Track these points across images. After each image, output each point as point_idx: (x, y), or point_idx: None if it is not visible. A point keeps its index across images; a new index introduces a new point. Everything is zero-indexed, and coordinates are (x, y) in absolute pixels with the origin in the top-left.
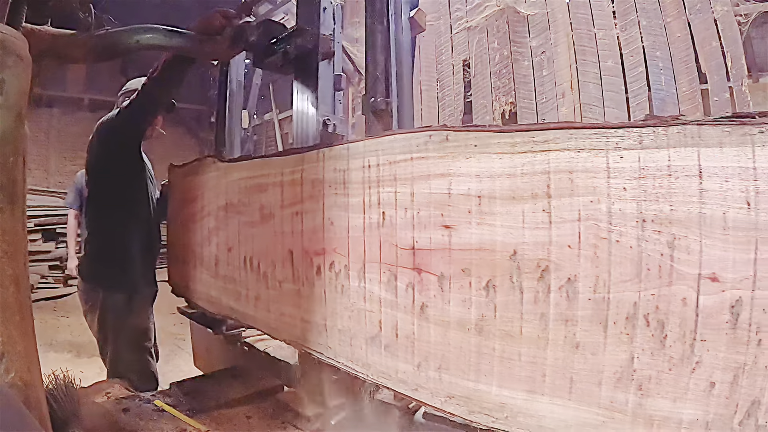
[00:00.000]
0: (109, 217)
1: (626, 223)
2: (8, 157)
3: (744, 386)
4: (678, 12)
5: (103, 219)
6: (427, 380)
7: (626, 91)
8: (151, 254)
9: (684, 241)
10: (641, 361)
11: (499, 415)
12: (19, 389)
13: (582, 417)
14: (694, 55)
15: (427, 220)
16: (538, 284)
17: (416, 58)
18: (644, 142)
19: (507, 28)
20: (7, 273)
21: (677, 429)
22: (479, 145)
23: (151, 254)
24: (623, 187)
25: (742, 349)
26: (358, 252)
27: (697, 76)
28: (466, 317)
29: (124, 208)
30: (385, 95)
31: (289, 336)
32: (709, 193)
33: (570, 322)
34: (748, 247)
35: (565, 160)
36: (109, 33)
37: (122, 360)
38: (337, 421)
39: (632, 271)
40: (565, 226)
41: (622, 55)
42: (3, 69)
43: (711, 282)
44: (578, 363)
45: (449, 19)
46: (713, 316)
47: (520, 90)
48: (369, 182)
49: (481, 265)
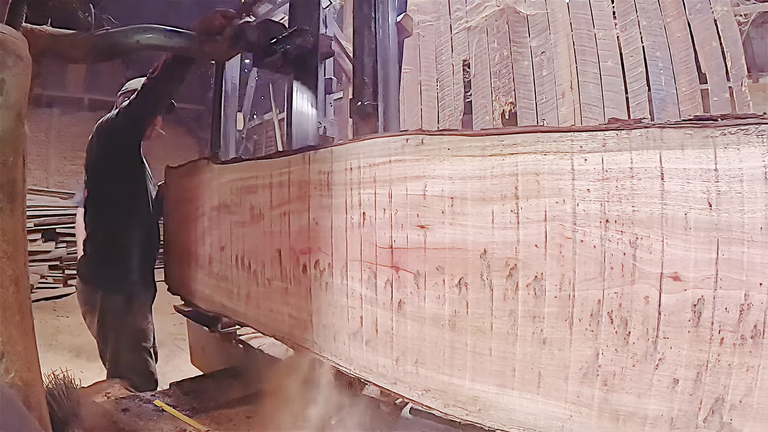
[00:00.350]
0: (109, 217)
1: (590, 223)
2: (8, 157)
3: (707, 383)
4: (678, 12)
5: (103, 219)
6: (405, 374)
7: (626, 92)
8: (151, 254)
9: (646, 241)
10: (606, 357)
11: (472, 408)
12: (19, 389)
13: (550, 411)
14: (694, 56)
15: (404, 220)
16: (507, 282)
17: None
18: (607, 144)
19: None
20: (7, 273)
21: (642, 424)
22: (452, 148)
23: (150, 254)
24: (587, 188)
25: (705, 347)
26: (341, 251)
27: (697, 76)
28: (441, 313)
29: (123, 209)
30: (371, 99)
31: (278, 332)
32: (671, 194)
33: (537, 319)
34: (709, 247)
35: (532, 163)
36: (108, 33)
37: (122, 360)
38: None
39: (596, 270)
40: (532, 227)
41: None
42: (3, 69)
43: (673, 281)
44: (546, 358)
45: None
46: (675, 315)
47: (520, 90)
48: (351, 184)
49: (454, 263)
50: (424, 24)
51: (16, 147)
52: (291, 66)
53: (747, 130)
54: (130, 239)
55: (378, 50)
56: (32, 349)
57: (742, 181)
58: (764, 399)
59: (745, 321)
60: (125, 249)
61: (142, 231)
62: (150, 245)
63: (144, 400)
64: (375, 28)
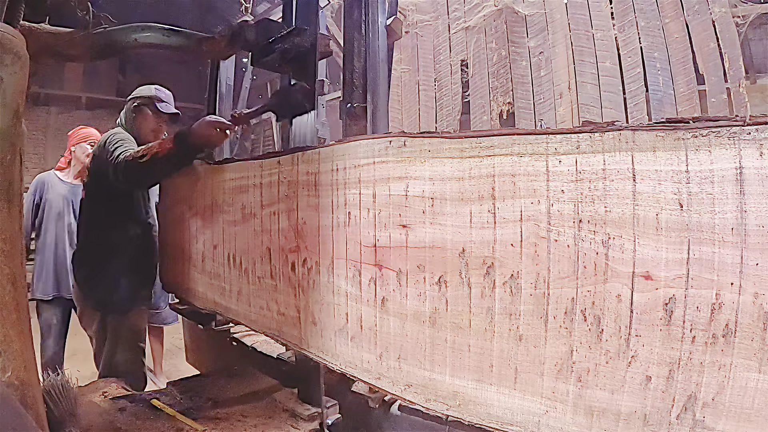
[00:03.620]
0: (101, 228)
1: (564, 223)
2: (5, 156)
3: (680, 381)
4: (676, 13)
5: (95, 230)
6: (388, 369)
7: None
8: (148, 259)
9: (618, 241)
10: (580, 354)
11: (452, 403)
12: (15, 388)
13: (526, 406)
14: (692, 56)
15: (386, 219)
16: (484, 280)
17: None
18: (581, 146)
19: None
20: (4, 272)
21: (616, 420)
22: (432, 150)
23: (148, 259)
24: (561, 189)
25: (677, 345)
26: (327, 249)
27: (695, 77)
28: (421, 310)
29: (117, 219)
30: (360, 101)
31: (268, 329)
32: (643, 195)
33: (513, 316)
34: (680, 247)
35: (509, 164)
36: (106, 31)
37: (116, 360)
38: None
39: (570, 269)
40: (508, 226)
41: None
42: (1, 67)
43: (645, 280)
44: (522, 355)
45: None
46: (647, 313)
47: (518, 90)
48: (337, 185)
49: (434, 261)
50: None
51: (14, 145)
52: (289, 65)
53: (718, 132)
54: (123, 249)
55: (367, 53)
56: (29, 348)
57: (713, 183)
58: (736, 397)
59: (716, 320)
60: (118, 260)
61: (137, 238)
62: (147, 250)
63: (141, 399)
64: (364, 31)
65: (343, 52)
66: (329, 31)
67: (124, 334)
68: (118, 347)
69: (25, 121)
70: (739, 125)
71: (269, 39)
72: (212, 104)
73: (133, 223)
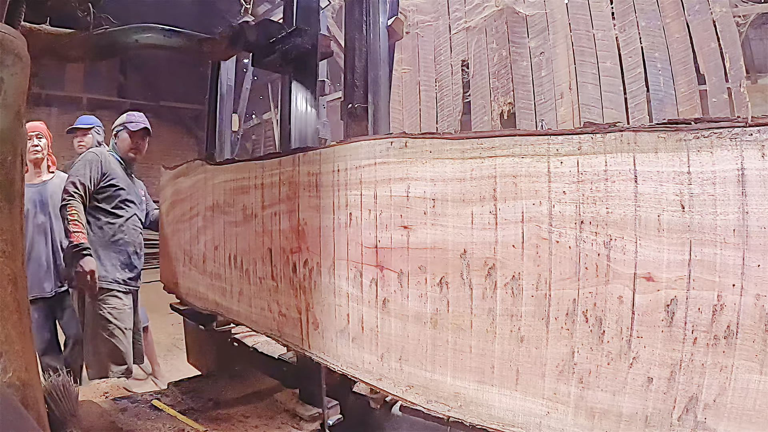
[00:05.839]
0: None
1: (565, 224)
2: (6, 156)
3: (681, 382)
4: (677, 13)
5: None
6: (389, 370)
7: (625, 92)
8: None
9: (620, 242)
10: (581, 355)
11: (453, 404)
12: (16, 389)
13: (528, 407)
14: (693, 56)
15: (388, 220)
16: (486, 281)
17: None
18: (583, 148)
19: (506, 29)
20: (5, 272)
21: (617, 422)
22: (434, 151)
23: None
24: (563, 190)
25: (678, 347)
26: (329, 250)
27: (696, 77)
28: (423, 311)
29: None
30: (362, 101)
31: (269, 329)
32: (644, 196)
33: (515, 317)
34: (682, 249)
35: (510, 165)
36: (107, 32)
37: (96, 345)
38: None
39: (571, 270)
40: (509, 227)
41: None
42: (2, 68)
43: (646, 281)
44: (523, 356)
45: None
46: (649, 314)
47: (519, 90)
48: (338, 185)
49: (435, 263)
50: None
51: (15, 146)
52: (290, 66)
53: (720, 133)
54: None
55: (368, 54)
56: (30, 348)
57: (715, 184)
58: (738, 398)
59: (718, 321)
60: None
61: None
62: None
63: (142, 400)
64: (365, 31)
65: (344, 53)
66: (330, 31)
67: (96, 320)
68: (94, 334)
69: (25, 122)
70: (741, 126)
71: (270, 40)
72: (213, 105)
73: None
